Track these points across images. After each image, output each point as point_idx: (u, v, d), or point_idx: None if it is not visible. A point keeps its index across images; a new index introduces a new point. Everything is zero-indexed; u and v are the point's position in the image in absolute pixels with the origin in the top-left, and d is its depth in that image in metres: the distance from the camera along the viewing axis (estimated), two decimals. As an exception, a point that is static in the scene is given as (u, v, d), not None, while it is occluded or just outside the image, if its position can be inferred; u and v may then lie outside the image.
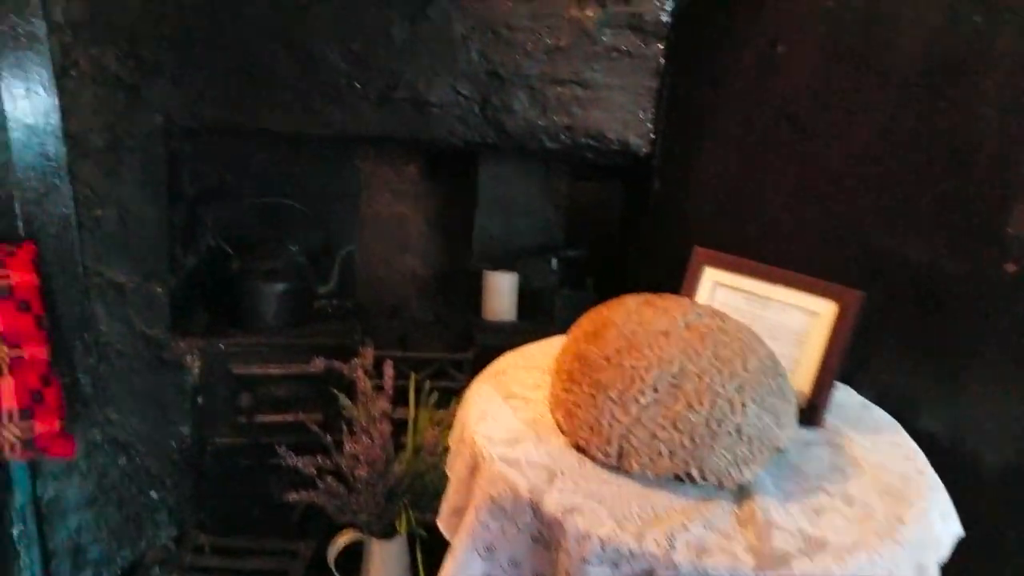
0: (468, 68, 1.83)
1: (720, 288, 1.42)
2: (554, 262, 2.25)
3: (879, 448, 1.15)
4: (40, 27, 1.75)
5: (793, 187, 1.48)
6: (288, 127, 1.88)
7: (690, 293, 1.42)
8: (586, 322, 1.21)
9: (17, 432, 1.63)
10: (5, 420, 1.61)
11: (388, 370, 1.80)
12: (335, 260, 2.31)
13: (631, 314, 1.16)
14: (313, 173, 2.37)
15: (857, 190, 1.36)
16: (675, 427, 1.00)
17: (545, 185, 2.38)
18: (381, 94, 1.85)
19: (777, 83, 1.50)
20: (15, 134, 1.77)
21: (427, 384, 1.96)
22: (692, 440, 1.00)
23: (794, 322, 1.31)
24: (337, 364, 1.88)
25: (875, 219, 1.34)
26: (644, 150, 1.87)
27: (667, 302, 1.18)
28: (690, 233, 1.77)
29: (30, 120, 1.79)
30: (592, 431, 1.05)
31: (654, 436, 1.01)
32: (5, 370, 1.61)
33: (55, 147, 1.82)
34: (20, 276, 1.67)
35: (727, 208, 1.67)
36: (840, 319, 1.24)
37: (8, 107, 1.76)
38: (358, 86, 1.84)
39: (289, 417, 2.10)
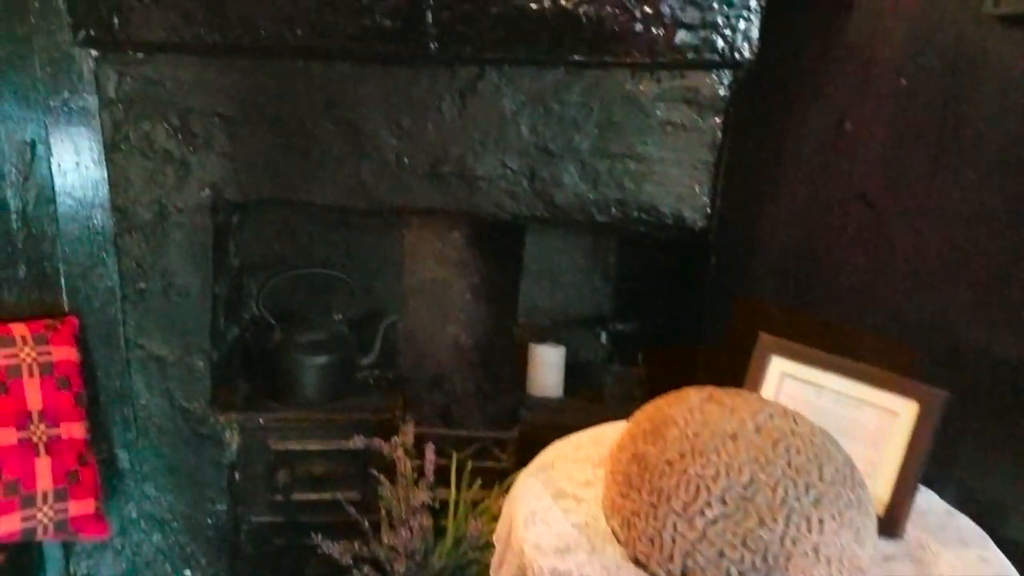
0: (517, 142, 1.81)
1: (788, 379, 1.34)
2: (603, 336, 2.19)
3: (967, 564, 1.05)
4: (92, 102, 1.78)
5: (865, 271, 1.41)
6: (336, 201, 1.88)
7: (755, 384, 1.34)
8: (644, 418, 1.14)
9: (51, 513, 1.60)
10: (39, 501, 1.58)
11: (429, 454, 1.75)
12: (378, 330, 2.28)
13: (694, 412, 1.09)
14: (359, 240, 2.36)
15: (938, 276, 1.29)
16: (745, 545, 0.92)
17: (594, 254, 2.33)
18: (429, 168, 1.84)
19: (847, 161, 1.45)
20: (63, 207, 1.80)
21: (469, 464, 1.90)
22: (765, 560, 0.92)
23: (870, 421, 1.23)
24: (377, 442, 1.83)
25: (958, 308, 1.26)
26: (700, 225, 1.81)
27: (734, 399, 1.10)
28: (751, 314, 1.69)
29: (79, 193, 1.81)
30: (653, 545, 0.98)
31: (722, 554, 0.93)
32: (42, 450, 1.60)
33: (102, 220, 1.83)
34: (62, 353, 1.67)
35: (792, 289, 1.60)
36: (922, 421, 1.15)
37: (58, 181, 1.78)
38: (406, 161, 1.83)
39: (326, 496, 2.04)
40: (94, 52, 1.76)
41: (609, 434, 1.38)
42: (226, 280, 2.06)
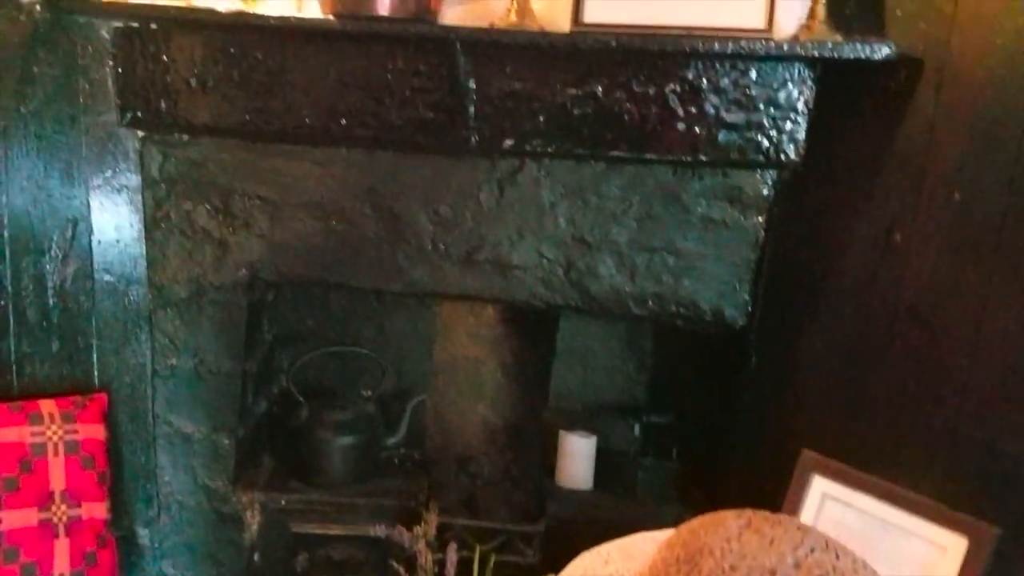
0: (554, 232, 1.81)
1: (830, 501, 1.31)
2: (637, 428, 2.15)
3: None
4: (135, 181, 1.83)
5: (915, 387, 1.37)
6: (371, 284, 1.89)
7: (795, 504, 1.31)
8: (678, 542, 1.11)
9: (67, 598, 1.60)
10: (55, 585, 1.58)
11: (451, 555, 1.72)
12: (406, 410, 2.27)
13: (731, 541, 1.05)
14: (392, 314, 2.37)
15: (991, 399, 1.25)
16: None
17: (628, 340, 2.31)
18: (465, 255, 1.85)
19: (894, 273, 1.42)
20: (101, 283, 1.83)
21: (492, 558, 1.86)
22: None
23: (917, 555, 1.18)
24: (399, 532, 1.80)
25: (1012, 433, 1.22)
26: (740, 323, 1.79)
27: (773, 527, 1.07)
28: (792, 425, 1.65)
29: (117, 270, 1.85)
30: None
31: None
32: (62, 531, 1.60)
33: (139, 296, 1.86)
34: (88, 431, 1.68)
35: (836, 401, 1.56)
36: (971, 558, 1.11)
37: (97, 257, 1.82)
38: (443, 247, 1.85)
39: (346, 583, 2.01)
40: (140, 133, 1.81)
41: (640, 546, 1.34)
42: (257, 356, 2.07)
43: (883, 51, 1.39)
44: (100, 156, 1.82)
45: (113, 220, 1.84)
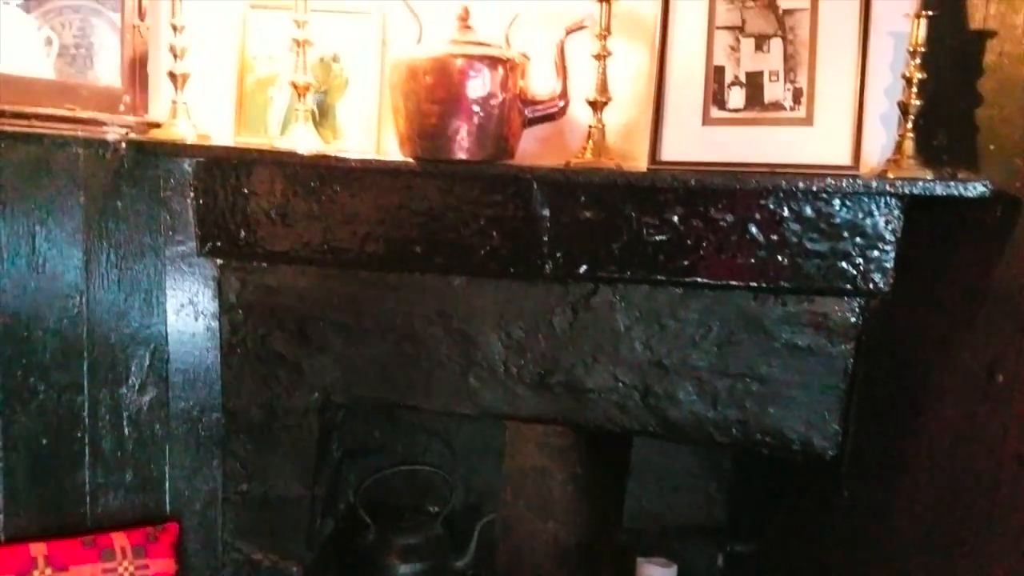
0: (630, 357, 1.82)
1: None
2: (720, 557, 2.10)
3: None
4: (213, 306, 1.91)
5: (1020, 540, 1.32)
6: (442, 407, 1.92)
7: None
8: None
9: None
10: None
11: None
12: (474, 530, 2.27)
13: None
14: (460, 427, 2.40)
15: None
16: None
17: (708, 458, 2.28)
18: (538, 379, 1.86)
19: (999, 415, 1.39)
20: (176, 410, 1.90)
21: None
22: None
23: None
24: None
25: None
26: (830, 453, 1.75)
27: None
28: (885, 570, 1.60)
29: (192, 396, 1.91)
30: None
31: None
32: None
33: (213, 423, 1.92)
34: (159, 565, 1.72)
35: (932, 548, 1.51)
36: None
37: (173, 384, 1.89)
38: (515, 370, 1.87)
39: None
40: (219, 260, 1.89)
41: None
42: (326, 476, 2.10)
43: (977, 189, 1.39)
44: (179, 284, 1.91)
45: (190, 346, 1.92)
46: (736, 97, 1.54)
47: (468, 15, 1.62)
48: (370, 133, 1.79)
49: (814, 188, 1.47)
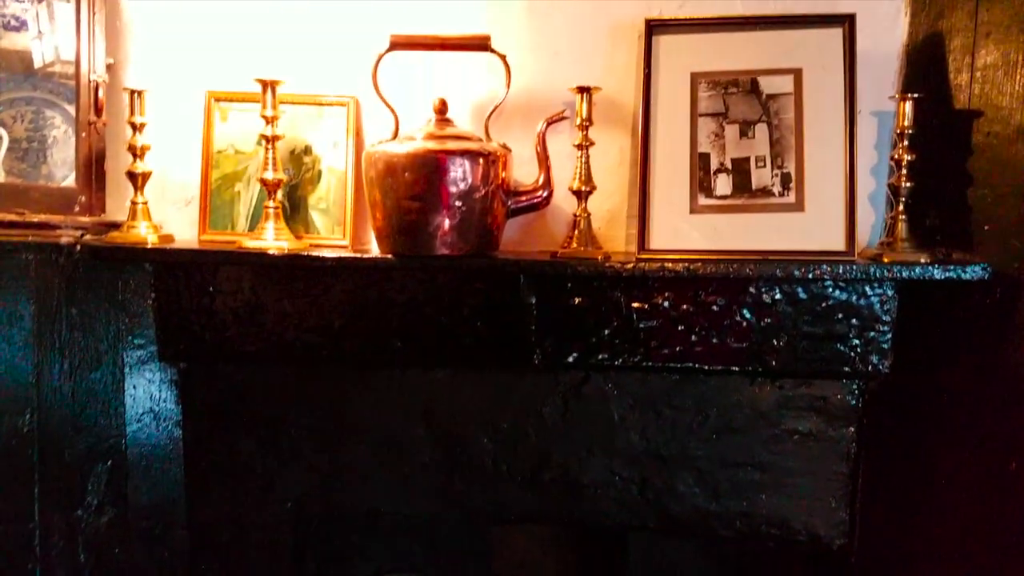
0: (626, 447, 1.79)
1: None
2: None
3: None
4: (176, 414, 1.84)
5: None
6: (426, 510, 1.86)
7: None
8: None
9: None
10: None
11: None
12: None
13: None
14: (447, 526, 2.32)
15: None
16: None
17: (710, 551, 2.23)
18: (529, 475, 1.82)
19: (1017, 507, 1.38)
20: (137, 530, 1.81)
21: None
22: None
23: None
24: None
25: None
26: (838, 543, 1.73)
27: None
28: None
29: (155, 515, 1.82)
30: None
31: None
32: None
33: (177, 541, 1.83)
34: None
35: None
36: None
37: (133, 502, 1.80)
38: (504, 467, 1.82)
39: None
40: (182, 364, 1.83)
41: None
42: (300, 589, 2.01)
43: (976, 272, 1.41)
44: (139, 391, 1.84)
45: (152, 459, 1.84)
46: (723, 184, 1.55)
47: (446, 107, 1.62)
48: (345, 226, 1.76)
49: (810, 276, 1.48)
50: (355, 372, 1.83)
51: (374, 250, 1.69)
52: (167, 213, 1.86)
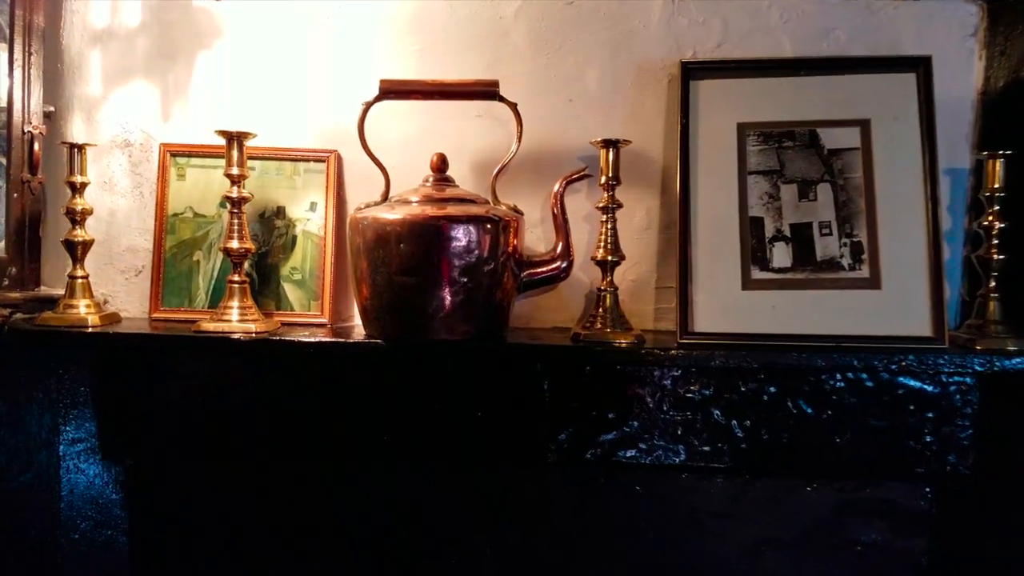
0: (655, 562, 1.53)
1: None
2: None
3: None
4: (122, 520, 1.55)
5: None
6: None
7: None
8: None
9: None
10: None
11: None
12: None
13: None
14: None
15: None
16: None
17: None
18: (540, 592, 1.55)
19: None
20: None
21: None
22: None
23: None
24: None
25: None
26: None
27: None
28: None
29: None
30: None
31: None
32: None
33: None
34: None
35: None
36: None
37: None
38: (511, 584, 1.55)
39: None
40: (128, 461, 1.55)
41: None
42: None
43: (1093, 363, 1.18)
44: (78, 492, 1.55)
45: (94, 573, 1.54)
46: (781, 254, 1.31)
47: (445, 163, 1.38)
48: (323, 300, 1.50)
49: (894, 368, 1.23)
50: (333, 469, 1.55)
51: (358, 325, 1.43)
52: (115, 284, 1.60)
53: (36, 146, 1.50)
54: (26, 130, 1.49)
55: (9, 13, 1.50)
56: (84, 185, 1.42)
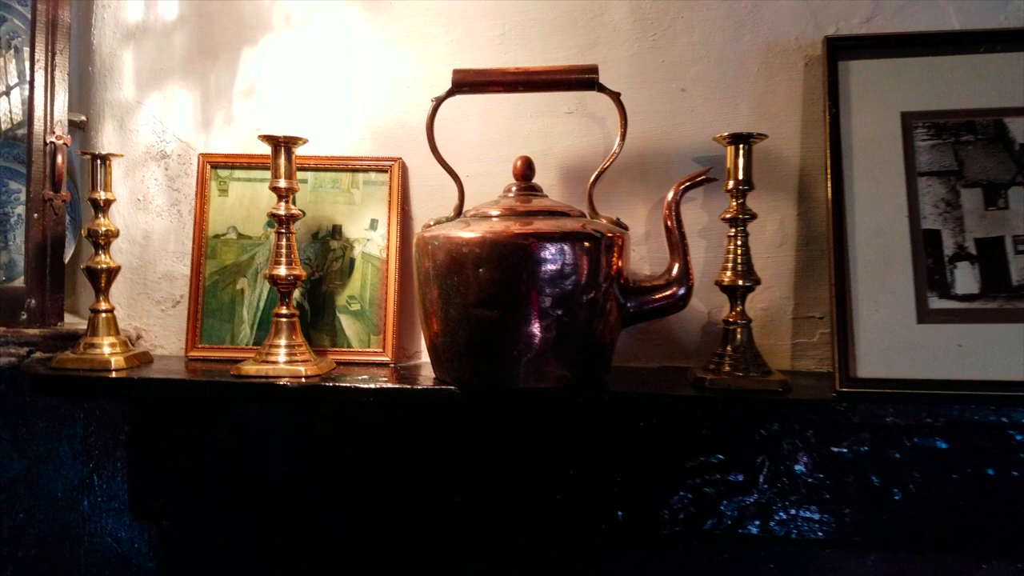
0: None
1: None
2: None
3: None
4: None
5: None
6: None
7: None
8: None
9: None
10: None
11: None
12: None
13: None
14: None
15: None
16: None
17: None
18: None
19: None
20: None
21: None
22: None
23: None
24: None
25: None
26: None
27: None
28: None
29: None
30: None
31: None
32: None
33: None
34: None
35: None
36: None
37: None
38: None
39: None
40: (164, 521, 1.34)
41: None
42: None
43: None
44: (104, 555, 1.34)
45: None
46: (966, 278, 1.03)
47: (532, 169, 1.14)
48: (386, 334, 1.27)
49: None
50: (389, 532, 1.31)
51: (426, 364, 1.20)
52: (149, 316, 1.40)
53: (59, 159, 1.31)
54: (48, 141, 1.30)
55: (31, 6, 1.32)
56: (109, 202, 1.22)
